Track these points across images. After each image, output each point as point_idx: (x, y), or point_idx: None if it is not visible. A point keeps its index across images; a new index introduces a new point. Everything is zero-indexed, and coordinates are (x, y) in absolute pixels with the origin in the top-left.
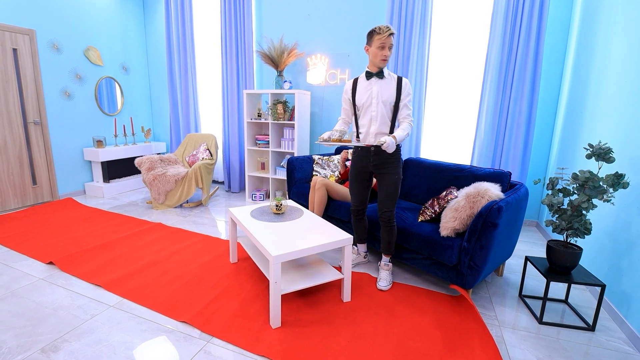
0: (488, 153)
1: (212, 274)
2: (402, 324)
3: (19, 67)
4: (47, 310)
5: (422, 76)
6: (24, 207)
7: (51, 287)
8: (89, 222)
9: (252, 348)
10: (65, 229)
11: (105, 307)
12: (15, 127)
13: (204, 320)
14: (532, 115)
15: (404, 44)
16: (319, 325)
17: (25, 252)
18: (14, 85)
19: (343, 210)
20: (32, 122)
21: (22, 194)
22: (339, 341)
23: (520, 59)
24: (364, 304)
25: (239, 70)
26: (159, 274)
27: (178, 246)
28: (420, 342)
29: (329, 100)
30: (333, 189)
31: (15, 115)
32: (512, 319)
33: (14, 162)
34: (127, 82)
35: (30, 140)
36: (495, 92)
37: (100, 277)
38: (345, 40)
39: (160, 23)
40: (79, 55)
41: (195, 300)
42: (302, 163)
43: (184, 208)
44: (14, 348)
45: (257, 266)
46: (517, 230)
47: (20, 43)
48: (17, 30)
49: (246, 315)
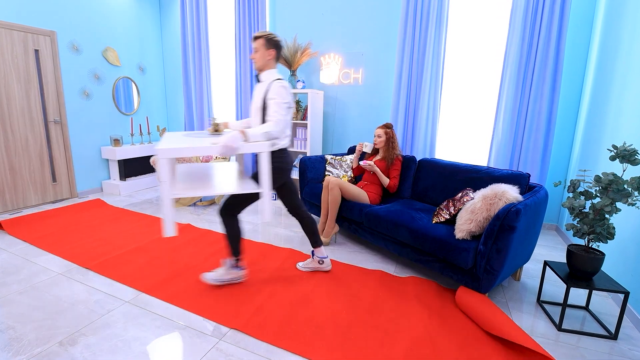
0: (506, 154)
1: (251, 277)
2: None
3: (41, 67)
4: (65, 304)
5: (437, 74)
6: (45, 203)
7: (69, 282)
8: (118, 223)
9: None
10: (95, 230)
11: (121, 303)
12: (37, 126)
13: (255, 326)
14: (552, 115)
15: (419, 41)
16: None
17: (62, 255)
18: (35, 85)
19: (356, 211)
20: (52, 121)
21: (42, 190)
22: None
23: (541, 56)
24: None
25: (252, 69)
26: (197, 279)
27: (211, 249)
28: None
29: (342, 100)
30: (346, 189)
31: (36, 114)
32: (530, 325)
33: (35, 160)
34: (143, 82)
35: (51, 139)
36: (514, 91)
37: (140, 281)
38: (359, 39)
39: (176, 23)
40: (97, 55)
41: (241, 306)
42: (314, 163)
43: (197, 206)
44: (34, 340)
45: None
46: (535, 233)
47: (41, 44)
48: (38, 32)
49: (298, 321)
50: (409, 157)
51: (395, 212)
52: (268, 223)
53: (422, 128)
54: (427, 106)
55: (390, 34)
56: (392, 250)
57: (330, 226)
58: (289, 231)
